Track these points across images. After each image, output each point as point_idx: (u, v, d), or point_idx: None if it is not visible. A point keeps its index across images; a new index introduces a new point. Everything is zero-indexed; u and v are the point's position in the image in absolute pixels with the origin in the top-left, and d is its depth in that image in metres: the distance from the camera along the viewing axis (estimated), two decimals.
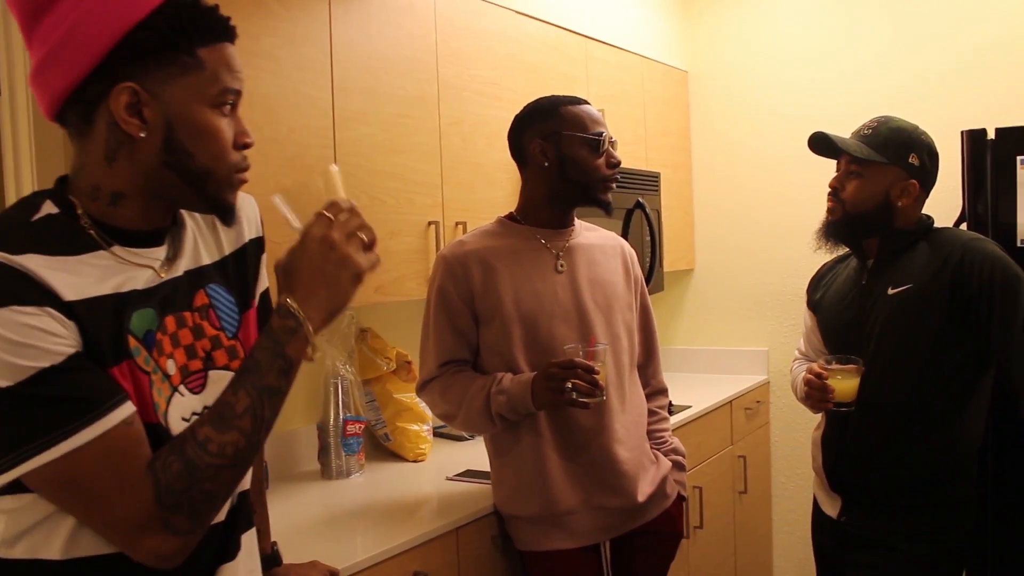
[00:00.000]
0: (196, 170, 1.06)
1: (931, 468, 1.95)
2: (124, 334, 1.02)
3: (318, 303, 1.05)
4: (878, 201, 1.99)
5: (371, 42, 2.19)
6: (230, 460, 1.01)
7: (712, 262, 3.90)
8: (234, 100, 1.09)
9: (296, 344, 1.04)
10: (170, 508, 0.98)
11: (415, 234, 2.32)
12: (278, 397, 1.05)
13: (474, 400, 1.89)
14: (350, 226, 1.06)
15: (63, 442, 0.94)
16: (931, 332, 1.91)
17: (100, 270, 1.03)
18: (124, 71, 1.01)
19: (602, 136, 1.94)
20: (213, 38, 1.06)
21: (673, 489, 2.09)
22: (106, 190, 1.05)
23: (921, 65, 3.37)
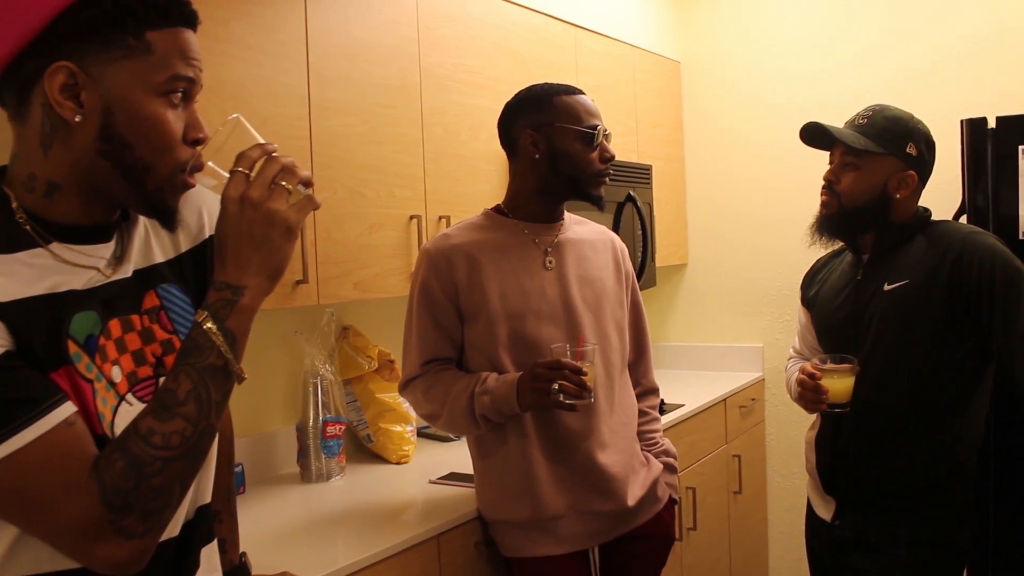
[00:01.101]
0: (134, 163, 0.97)
1: (929, 470, 1.88)
2: (63, 338, 0.94)
3: (254, 269, 0.97)
4: (875, 193, 1.92)
5: (350, 29, 2.11)
6: (177, 451, 0.93)
7: (705, 257, 3.82)
8: (186, 88, 0.99)
9: (237, 317, 0.97)
10: (119, 510, 0.90)
11: (397, 228, 2.24)
12: (223, 376, 0.96)
13: (457, 400, 1.82)
14: (267, 176, 0.97)
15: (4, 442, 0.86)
16: (929, 329, 1.84)
17: (35, 270, 0.94)
18: (62, 49, 0.92)
19: (596, 129, 1.85)
20: (166, 22, 0.96)
21: (664, 492, 2.01)
22: (41, 180, 0.97)
23: (919, 53, 3.29)
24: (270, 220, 0.96)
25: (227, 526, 1.39)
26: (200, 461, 0.97)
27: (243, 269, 0.97)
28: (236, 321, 0.97)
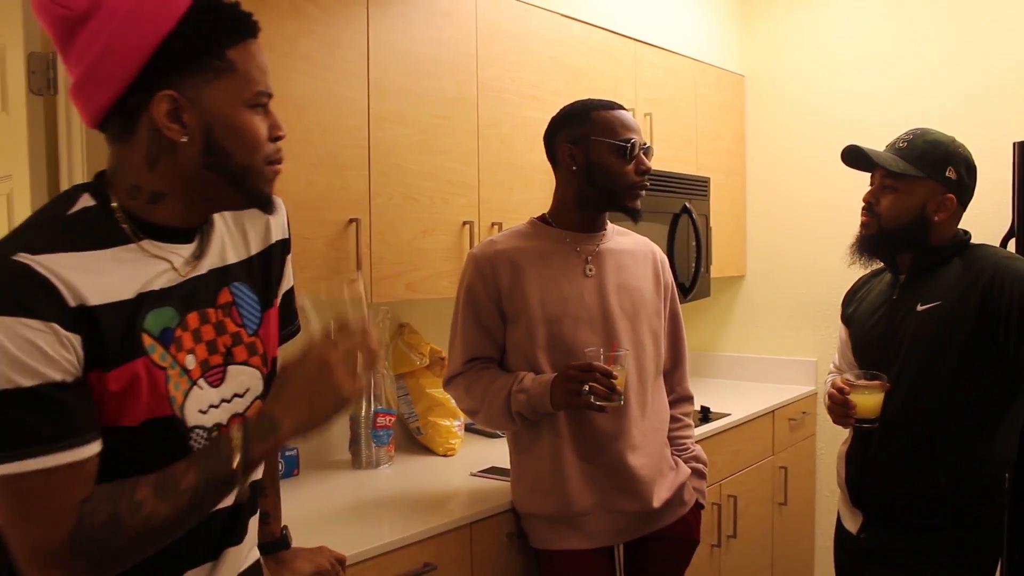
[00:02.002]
0: (235, 168, 1.10)
1: (954, 491, 1.90)
2: (137, 333, 1.06)
3: (296, 417, 1.07)
4: (914, 216, 1.94)
5: (409, 45, 2.24)
6: (155, 530, 1.02)
7: (763, 269, 3.85)
8: (267, 100, 1.13)
9: (262, 447, 1.07)
10: (79, 552, 0.99)
11: (449, 233, 2.36)
12: (226, 488, 1.06)
13: (495, 397, 1.93)
14: (350, 348, 1.08)
15: (8, 464, 0.96)
16: (957, 351, 1.87)
17: (127, 266, 1.07)
18: (162, 80, 1.04)
19: (631, 142, 1.92)
20: (238, 37, 1.09)
21: (691, 496, 2.09)
22: (146, 190, 1.09)
23: (979, 75, 3.26)
24: (332, 388, 1.07)
25: (271, 501, 1.49)
26: (164, 543, 1.05)
27: (289, 413, 1.07)
28: (260, 450, 1.07)
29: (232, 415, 1.17)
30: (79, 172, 2.02)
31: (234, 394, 1.18)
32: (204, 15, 1.06)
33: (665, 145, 3.24)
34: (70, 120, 2.03)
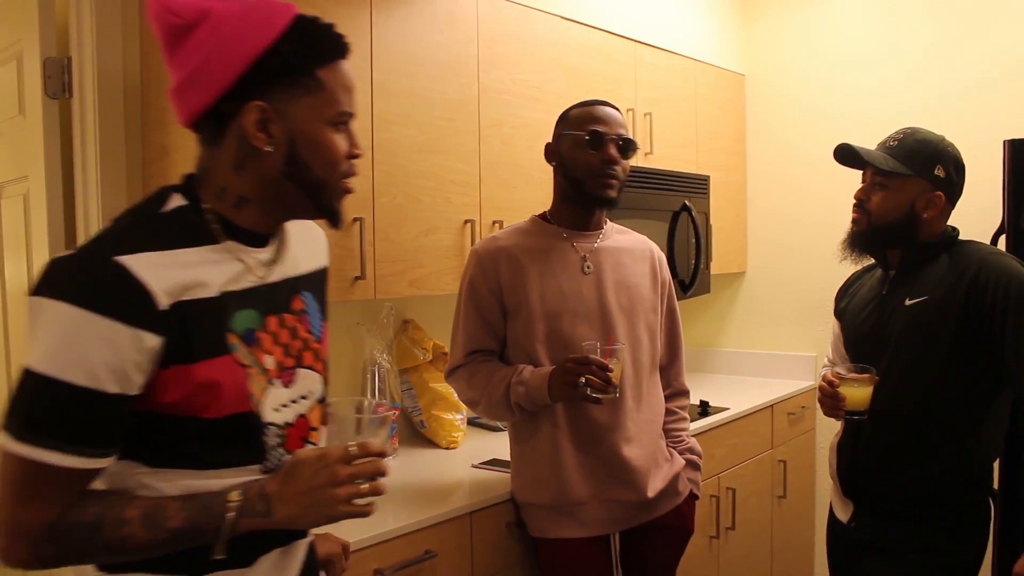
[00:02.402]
0: (312, 181, 1.17)
1: (941, 480, 1.95)
2: (224, 332, 1.13)
3: (289, 511, 1.12)
4: (903, 212, 1.99)
5: (411, 48, 2.30)
6: (125, 549, 1.08)
7: (764, 266, 3.90)
8: (349, 119, 1.20)
9: (251, 523, 1.11)
10: (52, 539, 1.06)
11: (451, 232, 2.42)
12: (201, 541, 1.10)
13: (495, 389, 1.99)
14: (360, 472, 1.12)
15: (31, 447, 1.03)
16: (944, 345, 1.92)
17: (212, 265, 1.14)
18: (254, 91, 1.12)
19: (595, 132, 1.97)
20: (329, 58, 1.16)
21: (685, 487, 2.15)
22: (232, 193, 1.17)
23: (971, 74, 3.32)
24: (330, 501, 1.11)
25: None
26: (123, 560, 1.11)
27: (285, 506, 1.11)
28: (248, 525, 1.11)
29: (298, 415, 1.24)
30: (93, 174, 2.09)
31: (301, 396, 1.25)
32: (301, 35, 1.13)
33: (665, 144, 3.30)
34: (84, 123, 2.10)
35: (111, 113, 2.10)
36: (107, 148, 2.09)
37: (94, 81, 2.07)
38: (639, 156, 3.14)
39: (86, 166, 2.11)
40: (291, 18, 1.14)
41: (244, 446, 1.16)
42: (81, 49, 2.09)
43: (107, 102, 2.09)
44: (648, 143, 3.18)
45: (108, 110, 2.09)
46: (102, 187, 2.09)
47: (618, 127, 2.00)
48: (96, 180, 2.09)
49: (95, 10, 2.06)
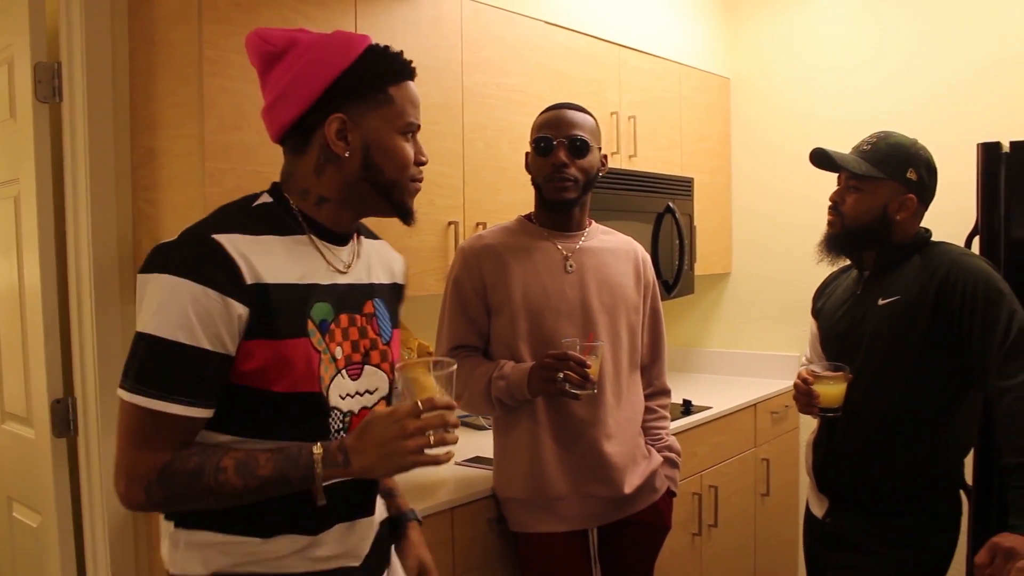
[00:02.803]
0: (385, 182, 1.36)
1: (914, 476, 2.00)
2: (305, 318, 1.30)
3: (364, 462, 1.24)
4: (876, 215, 2.04)
5: None
6: (222, 495, 1.23)
7: (749, 266, 3.95)
8: (415, 131, 1.39)
9: (330, 472, 1.25)
10: (161, 481, 1.22)
11: (435, 233, 2.47)
12: (287, 489, 1.25)
13: (477, 383, 2.04)
14: (427, 424, 1.22)
15: (144, 397, 1.21)
16: (916, 344, 1.96)
17: (297, 255, 1.33)
18: (334, 106, 1.32)
19: (541, 139, 2.03)
20: (399, 78, 1.36)
21: (663, 484, 2.19)
22: (314, 194, 1.37)
23: (949, 78, 3.39)
24: (400, 451, 1.22)
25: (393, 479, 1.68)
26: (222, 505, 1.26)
27: (360, 457, 1.24)
28: (328, 475, 1.25)
29: (362, 407, 1.39)
30: (82, 176, 2.13)
31: (366, 390, 1.40)
32: (374, 59, 1.34)
33: (649, 147, 3.34)
34: (74, 127, 2.15)
35: (100, 117, 2.14)
36: (96, 151, 2.13)
37: (84, 86, 2.11)
38: (623, 159, 3.19)
39: (76, 169, 2.15)
40: (366, 45, 1.34)
41: (310, 425, 1.31)
42: (71, 54, 2.13)
43: (96, 106, 2.13)
44: (632, 146, 3.22)
45: (97, 114, 2.14)
46: (91, 189, 2.13)
47: (569, 129, 2.02)
48: (85, 182, 2.13)
49: (85, 16, 2.10)
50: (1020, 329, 1.84)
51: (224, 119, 1.96)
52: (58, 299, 2.22)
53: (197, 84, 1.94)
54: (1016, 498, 1.73)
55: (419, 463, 1.23)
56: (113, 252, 2.17)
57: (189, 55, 1.96)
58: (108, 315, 2.16)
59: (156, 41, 2.08)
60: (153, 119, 2.11)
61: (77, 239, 2.17)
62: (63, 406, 2.21)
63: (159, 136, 2.09)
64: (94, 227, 2.14)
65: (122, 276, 2.19)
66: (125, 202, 2.19)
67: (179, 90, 2.01)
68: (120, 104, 2.17)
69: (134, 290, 2.18)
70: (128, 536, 2.20)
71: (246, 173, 1.99)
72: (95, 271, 2.14)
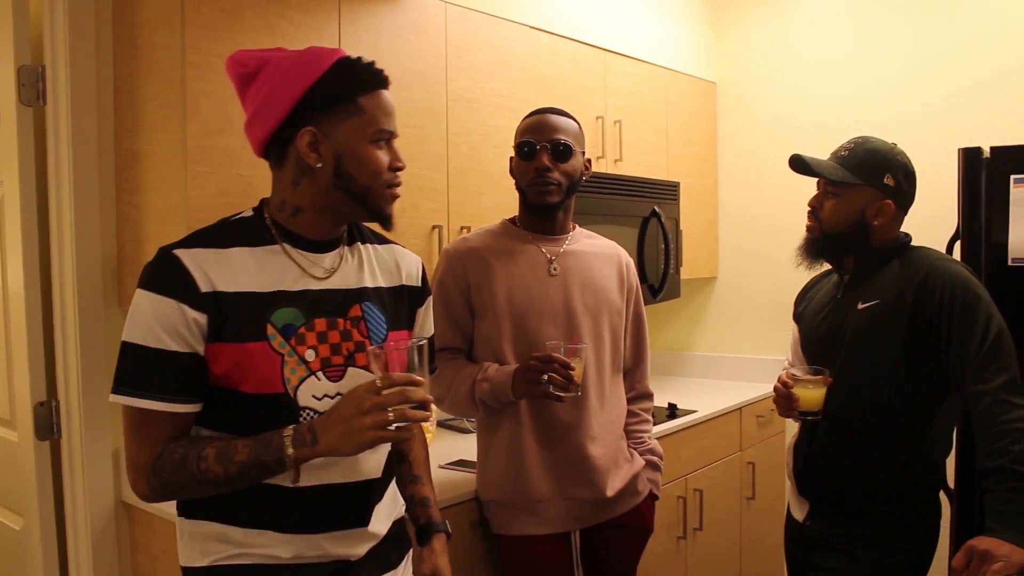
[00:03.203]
0: (358, 190, 1.40)
1: (891, 480, 2.01)
2: (264, 322, 1.37)
3: (330, 440, 1.30)
4: (854, 220, 2.05)
5: (379, 57, 2.28)
6: (205, 481, 1.32)
7: (735, 270, 3.97)
8: (390, 137, 1.42)
9: (301, 453, 1.31)
10: (155, 472, 1.34)
11: (419, 237, 2.47)
12: (268, 472, 1.33)
13: (461, 385, 2.04)
14: (387, 402, 1.27)
15: (127, 397, 1.32)
16: (893, 347, 1.97)
17: (266, 262, 1.39)
18: (305, 119, 1.37)
19: (524, 143, 2.05)
20: (369, 88, 1.40)
21: (645, 486, 2.20)
22: (290, 205, 1.43)
23: (932, 84, 3.42)
24: (360, 428, 1.27)
25: (428, 488, 1.75)
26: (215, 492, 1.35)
27: (326, 433, 1.30)
28: (299, 455, 1.32)
29: None
30: (66, 179, 2.14)
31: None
32: (343, 71, 1.39)
33: (635, 151, 3.36)
34: (58, 130, 2.15)
35: (84, 120, 2.14)
36: (80, 154, 2.13)
37: (68, 89, 2.12)
38: (608, 163, 3.20)
39: (59, 172, 2.15)
40: (336, 59, 1.39)
41: (280, 423, 1.35)
42: (55, 58, 2.13)
43: (80, 109, 2.13)
44: (618, 150, 3.24)
45: (81, 117, 2.14)
46: (75, 192, 2.13)
47: (551, 133, 2.04)
48: (69, 185, 2.13)
49: (69, 19, 2.10)
50: (997, 333, 1.86)
51: (207, 123, 1.96)
52: (41, 302, 2.22)
53: (180, 88, 1.95)
54: (992, 501, 1.75)
55: (380, 439, 1.29)
56: (97, 255, 2.17)
57: (172, 59, 1.97)
58: (92, 318, 2.16)
59: (140, 45, 2.08)
60: (137, 122, 2.11)
61: (61, 242, 2.17)
62: (46, 409, 2.21)
63: (142, 139, 2.09)
64: (78, 230, 2.14)
65: (105, 279, 2.19)
66: (109, 205, 2.19)
67: (162, 94, 2.01)
68: (104, 107, 2.18)
69: (118, 293, 2.21)
70: (111, 539, 2.20)
71: (229, 177, 1.99)
72: (79, 274, 2.14)
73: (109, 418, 2.19)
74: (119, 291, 2.21)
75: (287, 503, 1.39)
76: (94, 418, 2.17)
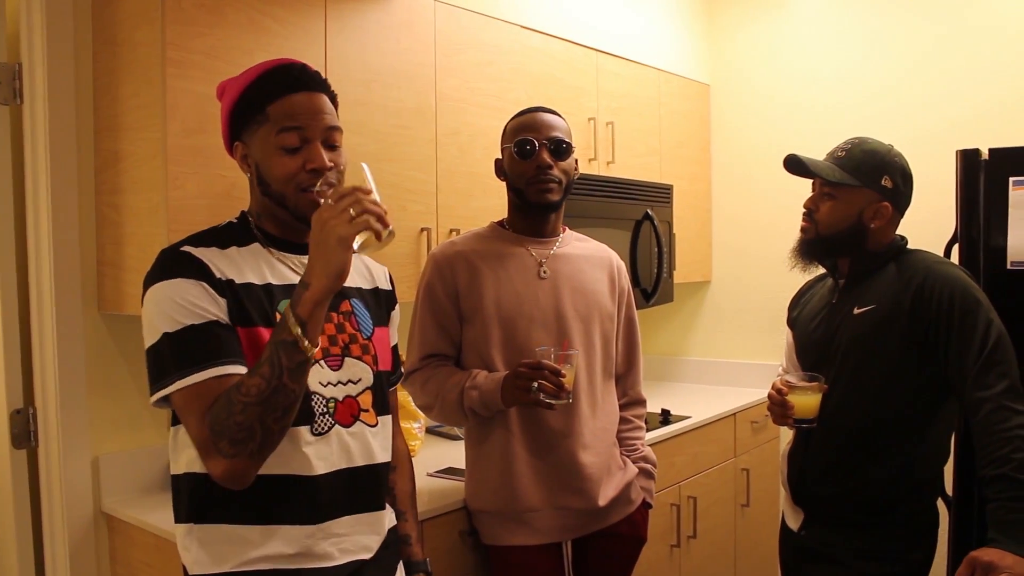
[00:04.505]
0: (275, 195, 1.45)
1: (887, 488, 1.96)
2: (273, 310, 1.42)
3: (318, 271, 1.27)
4: (851, 222, 2.00)
5: (367, 56, 2.31)
6: (255, 398, 1.26)
7: (729, 275, 3.93)
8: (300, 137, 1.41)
9: (304, 306, 1.28)
10: (216, 434, 1.29)
11: (407, 239, 2.42)
12: (292, 348, 1.27)
13: (449, 393, 1.99)
14: (340, 204, 1.27)
15: (181, 380, 1.31)
16: (890, 353, 1.93)
17: (260, 262, 1.45)
18: (236, 135, 1.48)
19: (523, 141, 1.99)
20: (277, 94, 1.42)
21: (638, 495, 2.15)
22: (254, 211, 1.52)
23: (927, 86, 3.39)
24: (327, 230, 1.26)
25: (411, 524, 1.73)
26: (275, 412, 1.28)
27: (311, 270, 1.28)
28: (304, 309, 1.28)
29: (346, 396, 1.48)
30: (43, 180, 2.08)
31: (348, 379, 1.49)
32: (259, 82, 1.44)
33: (628, 153, 3.31)
34: (35, 130, 2.09)
35: (62, 119, 2.09)
36: (58, 154, 2.08)
37: (45, 87, 2.06)
38: (601, 165, 3.16)
39: (36, 172, 2.10)
40: (265, 69, 1.45)
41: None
42: (32, 55, 2.08)
43: (58, 108, 2.08)
44: (610, 152, 3.20)
45: (59, 116, 2.09)
46: (52, 193, 2.08)
47: (549, 131, 2.01)
48: (47, 186, 2.08)
49: (46, 16, 2.05)
50: (997, 339, 1.82)
51: (187, 122, 1.91)
52: (18, 305, 2.16)
53: (161, 86, 1.89)
54: (994, 511, 1.71)
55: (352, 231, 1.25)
56: (75, 257, 2.12)
57: (152, 56, 1.91)
58: (70, 322, 2.11)
59: (119, 42, 2.03)
60: (116, 122, 2.06)
61: (38, 244, 2.11)
62: (23, 416, 2.15)
63: (122, 139, 2.04)
64: (55, 232, 2.08)
65: (84, 282, 2.13)
66: (88, 206, 2.14)
67: (142, 92, 1.96)
68: (83, 106, 2.12)
69: (97, 296, 2.15)
70: (90, 550, 2.14)
71: (209, 177, 1.94)
72: (56, 277, 2.08)
73: (88, 426, 2.13)
74: (98, 294, 2.15)
75: (302, 494, 1.40)
76: (72, 426, 2.11)
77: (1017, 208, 2.37)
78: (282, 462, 1.38)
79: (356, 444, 1.48)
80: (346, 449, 1.46)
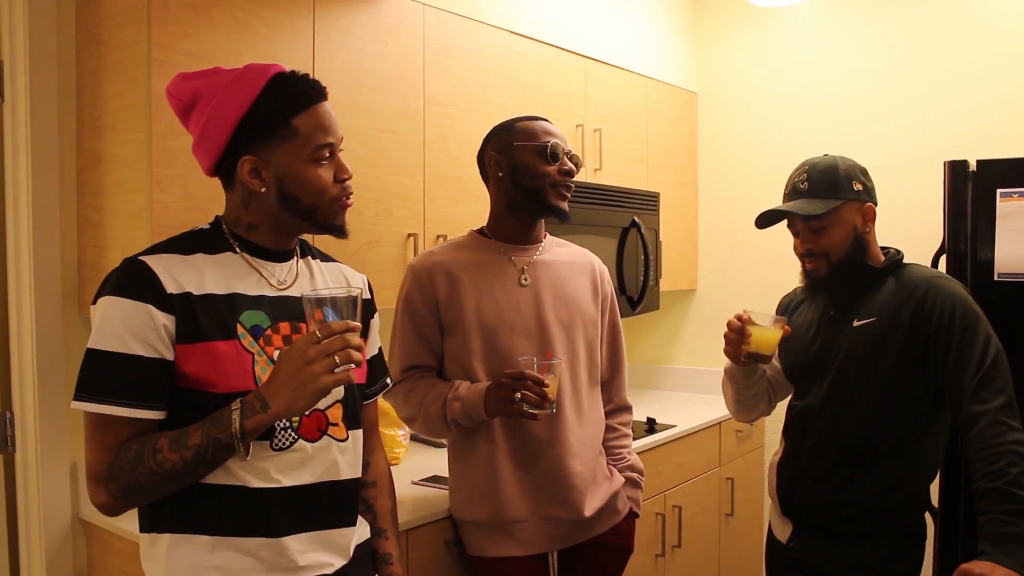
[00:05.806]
0: (304, 209, 1.42)
1: (878, 501, 1.96)
2: (234, 322, 1.38)
3: (282, 400, 1.28)
4: (852, 238, 1.98)
5: (354, 59, 2.28)
6: (164, 473, 1.29)
7: (715, 283, 3.92)
8: (331, 150, 1.42)
9: (255, 421, 1.29)
10: (113, 477, 1.31)
11: (394, 245, 2.40)
12: (224, 451, 1.30)
13: (432, 405, 1.97)
14: (329, 347, 1.27)
15: (88, 403, 1.30)
16: (888, 366, 1.92)
17: (228, 270, 1.42)
18: (244, 147, 1.39)
19: (551, 143, 1.98)
20: (301, 106, 1.39)
21: (625, 505, 2.13)
22: (244, 221, 1.46)
23: (915, 96, 3.39)
24: (307, 373, 1.26)
25: (392, 543, 1.69)
26: (175, 484, 1.32)
27: (275, 396, 1.28)
28: (252, 424, 1.29)
29: (313, 409, 1.42)
30: (24, 180, 2.05)
31: None
32: (275, 92, 1.38)
33: (615, 160, 3.31)
34: (15, 129, 2.06)
35: (44, 119, 2.06)
36: (39, 155, 2.05)
37: (27, 86, 2.03)
38: (588, 172, 3.15)
39: (17, 173, 2.06)
40: (268, 79, 1.38)
41: None
42: (14, 53, 2.05)
43: (40, 108, 2.05)
44: (598, 159, 3.19)
45: (41, 116, 2.05)
46: (33, 194, 2.05)
47: (565, 141, 2.03)
48: (27, 186, 2.04)
49: (29, 14, 2.02)
50: (996, 354, 1.82)
51: (173, 123, 1.87)
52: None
53: (146, 87, 1.87)
54: (986, 523, 1.70)
55: (335, 382, 1.27)
56: (56, 260, 2.08)
57: (137, 56, 1.89)
58: (50, 325, 2.07)
59: (104, 41, 2.00)
60: (100, 122, 2.02)
61: (18, 246, 2.07)
62: (0, 420, 2.11)
63: (106, 140, 2.01)
64: (36, 234, 2.05)
65: (65, 285, 2.10)
66: (69, 208, 2.10)
67: (127, 92, 1.93)
68: (65, 106, 2.09)
69: (78, 299, 2.12)
70: (67, 558, 2.10)
71: (194, 179, 1.91)
72: (36, 279, 2.05)
73: (67, 430, 2.09)
74: (79, 297, 2.11)
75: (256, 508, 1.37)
76: (51, 430, 2.07)
77: (1004, 219, 2.38)
78: (237, 475, 1.36)
79: (320, 459, 1.44)
80: (308, 464, 1.42)
